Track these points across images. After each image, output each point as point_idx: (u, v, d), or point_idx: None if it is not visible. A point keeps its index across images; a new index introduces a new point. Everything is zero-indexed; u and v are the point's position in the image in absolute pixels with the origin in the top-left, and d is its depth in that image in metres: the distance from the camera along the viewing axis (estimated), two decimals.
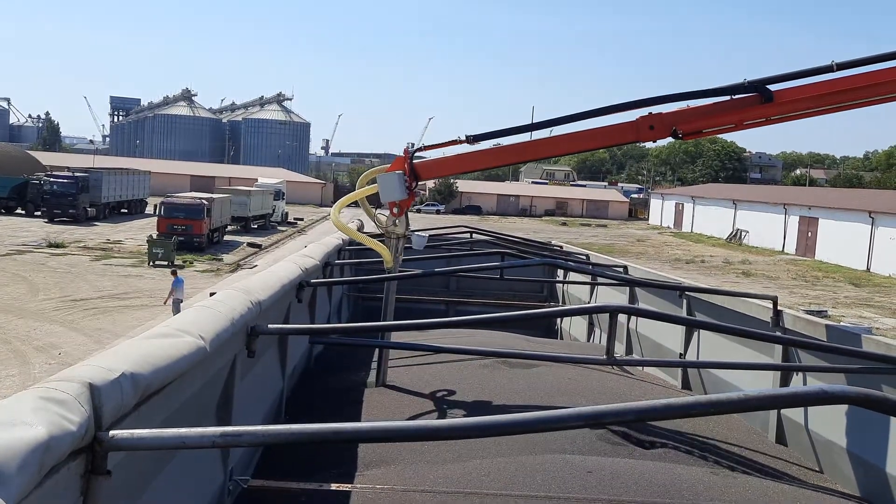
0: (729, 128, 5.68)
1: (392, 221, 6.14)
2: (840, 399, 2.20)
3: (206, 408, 3.53)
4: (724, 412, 2.20)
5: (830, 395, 2.20)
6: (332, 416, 5.36)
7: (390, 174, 5.95)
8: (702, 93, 5.47)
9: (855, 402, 2.16)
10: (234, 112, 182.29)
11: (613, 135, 5.74)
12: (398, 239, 6.23)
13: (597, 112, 5.58)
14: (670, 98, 5.53)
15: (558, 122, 5.74)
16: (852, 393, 2.18)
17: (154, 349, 2.59)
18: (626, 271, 9.94)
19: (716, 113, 5.50)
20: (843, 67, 5.18)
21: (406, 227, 6.23)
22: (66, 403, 1.96)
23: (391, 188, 5.92)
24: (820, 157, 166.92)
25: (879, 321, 31.70)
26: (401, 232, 6.19)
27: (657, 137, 5.57)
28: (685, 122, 5.54)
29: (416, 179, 6.02)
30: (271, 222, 58.07)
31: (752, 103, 5.37)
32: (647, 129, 5.52)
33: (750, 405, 2.14)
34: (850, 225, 53.35)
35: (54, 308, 24.48)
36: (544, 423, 2.01)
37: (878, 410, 2.15)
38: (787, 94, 5.36)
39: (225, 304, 3.59)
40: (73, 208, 49.72)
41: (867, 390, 2.15)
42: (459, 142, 5.88)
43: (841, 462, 5.00)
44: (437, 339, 7.19)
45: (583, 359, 5.57)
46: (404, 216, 6.15)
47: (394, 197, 5.95)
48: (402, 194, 5.94)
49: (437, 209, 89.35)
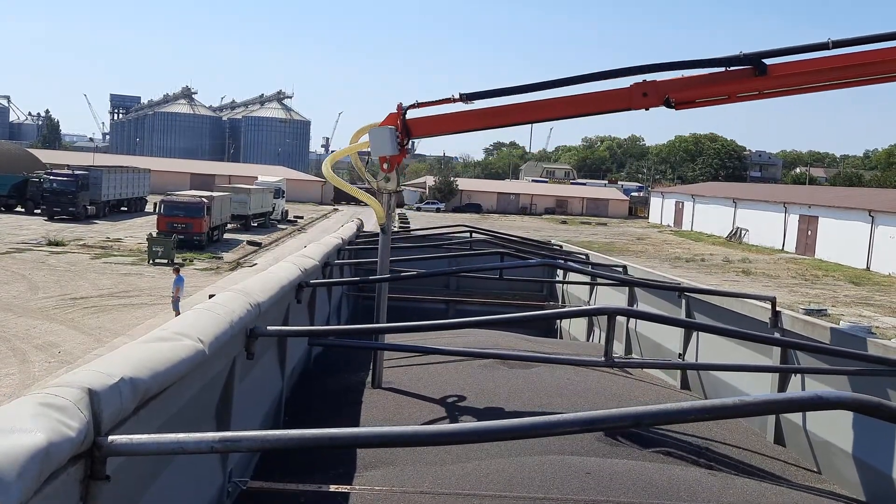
0: (722, 99, 5.69)
1: (383, 177, 6.11)
2: (835, 405, 2.21)
3: (205, 410, 3.54)
4: (720, 418, 2.22)
5: (826, 401, 2.21)
6: (331, 418, 5.37)
7: (382, 128, 5.93)
8: (697, 63, 5.49)
9: (850, 407, 2.17)
10: (235, 110, 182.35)
11: (608, 100, 5.75)
12: (390, 195, 6.20)
13: (593, 76, 5.58)
14: (665, 66, 5.54)
15: (555, 85, 5.72)
16: (847, 398, 2.19)
17: (153, 353, 2.60)
18: (626, 271, 9.94)
19: (710, 83, 5.53)
20: (839, 46, 5.20)
21: (397, 183, 6.20)
22: (66, 409, 1.97)
23: (382, 143, 5.90)
24: (820, 155, 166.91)
25: (879, 320, 31.71)
26: (392, 188, 6.16)
27: (650, 105, 5.57)
28: (678, 90, 5.56)
29: (408, 136, 6.01)
30: (271, 220, 58.07)
31: (746, 75, 5.40)
32: (640, 96, 5.54)
33: (746, 411, 2.15)
34: (849, 223, 53.35)
35: (54, 306, 24.49)
36: (541, 428, 2.01)
37: (873, 416, 2.16)
38: (782, 68, 5.40)
39: (224, 306, 3.60)
40: (72, 206, 49.71)
41: (862, 396, 2.16)
42: (454, 100, 5.84)
43: (839, 463, 5.01)
44: (436, 340, 7.20)
45: (581, 360, 5.58)
46: (395, 172, 6.12)
47: (384, 151, 5.93)
48: (392, 150, 5.92)
49: (438, 207, 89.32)
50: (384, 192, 6.14)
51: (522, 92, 5.91)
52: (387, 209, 6.20)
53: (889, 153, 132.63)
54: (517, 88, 5.87)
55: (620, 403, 5.69)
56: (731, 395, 6.60)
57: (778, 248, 62.66)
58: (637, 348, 9.01)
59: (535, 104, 6.02)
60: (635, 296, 9.35)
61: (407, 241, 12.43)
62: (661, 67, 5.53)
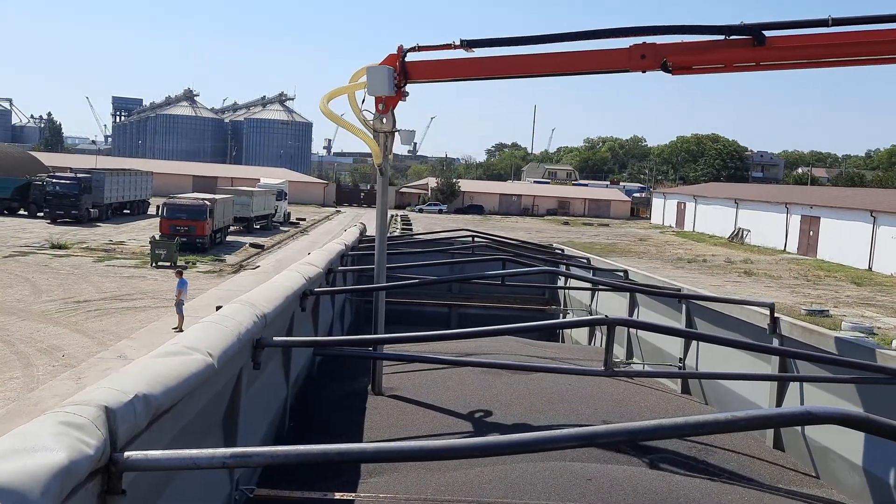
0: (719, 67, 5.73)
1: (379, 119, 6.15)
2: (824, 419, 2.28)
3: (213, 420, 3.61)
4: (713, 433, 2.28)
5: (815, 416, 2.29)
6: (335, 424, 5.44)
7: (380, 67, 5.94)
8: (697, 28, 5.54)
9: (838, 422, 2.25)
10: (237, 112, 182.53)
11: (607, 59, 5.80)
12: (386, 136, 6.23)
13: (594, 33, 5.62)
14: (666, 29, 5.58)
15: (556, 39, 5.76)
16: (836, 413, 2.26)
17: (164, 369, 2.68)
18: (627, 276, 10.00)
19: (708, 49, 5.57)
20: (840, 23, 5.25)
21: (393, 125, 6.21)
22: (84, 427, 2.05)
23: (379, 82, 5.92)
24: (822, 155, 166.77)
25: (881, 320, 31.72)
26: (388, 129, 6.19)
27: (647, 68, 5.61)
28: (677, 54, 5.59)
29: (406, 78, 6.02)
30: (274, 223, 58.16)
31: (745, 45, 5.44)
32: (638, 57, 5.58)
33: (738, 426, 2.22)
34: (851, 224, 53.34)
35: (57, 310, 24.59)
36: (537, 443, 2.09)
37: (861, 430, 2.22)
38: (780, 40, 5.44)
39: (231, 318, 3.67)
40: (75, 209, 49.82)
41: (850, 411, 2.23)
42: (454, 46, 5.86)
43: (837, 468, 5.07)
44: (437, 346, 7.26)
45: (580, 370, 5.65)
46: (391, 114, 6.14)
47: (380, 91, 5.95)
48: (389, 90, 5.94)
49: (440, 209, 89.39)
50: (380, 132, 6.17)
51: (523, 43, 5.95)
52: (383, 150, 6.21)
53: (891, 153, 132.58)
54: (518, 39, 5.92)
55: (621, 409, 5.76)
56: (731, 399, 6.66)
57: (780, 248, 62.66)
58: (638, 352, 9.07)
59: (535, 57, 6.06)
60: (636, 301, 9.42)
61: (410, 246, 12.50)
62: (662, 30, 5.57)
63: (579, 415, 5.47)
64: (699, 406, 6.76)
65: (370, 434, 5.19)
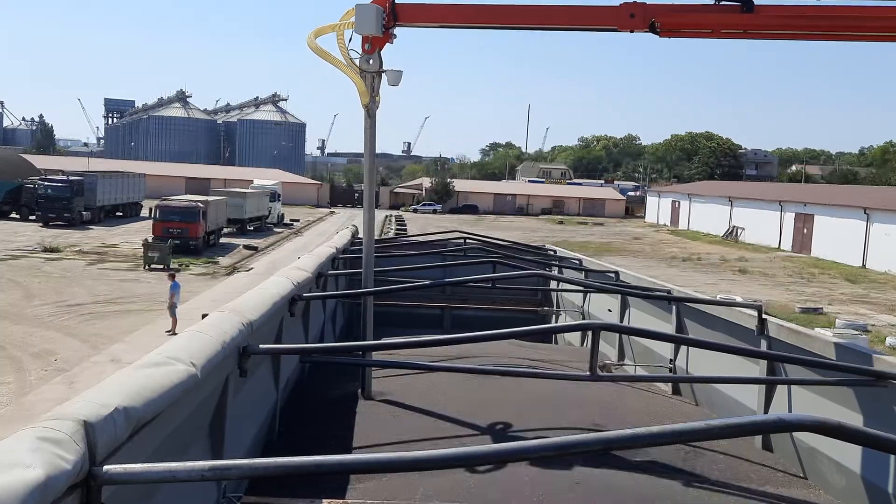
0: (706, 32, 5.77)
1: (365, 59, 6.14)
2: (796, 427, 2.30)
3: (199, 429, 3.60)
4: (690, 441, 2.30)
5: (788, 423, 2.31)
6: (325, 429, 5.44)
7: (369, 5, 5.96)
8: None
9: (811, 429, 2.26)
10: (230, 113, 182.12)
11: (595, 15, 5.85)
12: (373, 77, 6.22)
13: None
14: None
15: None
16: (808, 420, 2.27)
17: (146, 380, 2.67)
18: (618, 277, 10.02)
19: (698, 12, 5.60)
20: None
21: (380, 65, 6.20)
22: (62, 443, 2.04)
23: (367, 20, 5.93)
24: (815, 153, 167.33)
25: (875, 318, 31.85)
26: (375, 69, 6.18)
27: (635, 27, 5.62)
28: (666, 15, 5.62)
29: (395, 20, 6.03)
30: (267, 224, 58.07)
31: (733, 10, 5.47)
32: (627, 16, 5.60)
33: (713, 434, 2.23)
34: (845, 221, 53.53)
35: (50, 313, 24.51)
36: (515, 453, 2.10)
37: (834, 437, 2.24)
38: (770, 9, 5.47)
39: (216, 327, 3.66)
40: (67, 212, 49.66)
41: (823, 418, 2.24)
42: None
43: (825, 469, 5.09)
44: (427, 351, 7.26)
45: (566, 375, 5.66)
46: (377, 55, 6.14)
47: (367, 30, 5.95)
48: (376, 30, 5.94)
49: (434, 209, 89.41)
50: (367, 72, 6.16)
51: None
52: (370, 91, 6.21)
53: (884, 150, 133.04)
54: None
55: (610, 412, 5.77)
56: (720, 400, 6.68)
57: (774, 246, 62.85)
58: (629, 353, 9.09)
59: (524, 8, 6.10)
60: (627, 302, 9.44)
61: (402, 249, 12.51)
62: None
63: (568, 418, 5.48)
64: (689, 408, 6.78)
65: (359, 440, 5.19)
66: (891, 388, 4.58)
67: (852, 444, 2.23)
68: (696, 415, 6.45)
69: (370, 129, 6.41)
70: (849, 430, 2.15)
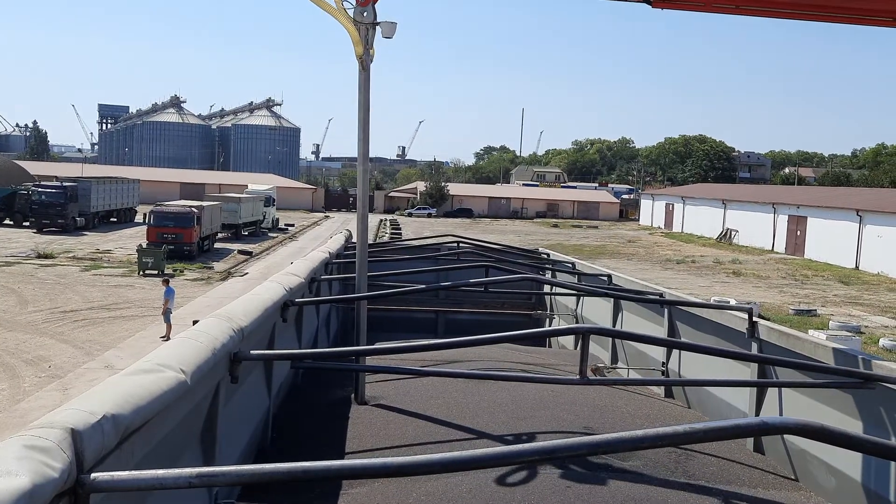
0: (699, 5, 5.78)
1: (360, 11, 6.24)
2: (781, 430, 2.33)
3: (190, 435, 3.61)
4: (673, 445, 2.33)
5: (772, 426, 2.34)
6: (318, 436, 5.44)
7: None
8: None
9: (794, 432, 2.29)
10: (224, 118, 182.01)
11: None
12: (367, 28, 6.30)
13: None
14: None
15: None
16: (791, 423, 2.30)
17: (135, 387, 2.68)
18: (611, 280, 10.05)
19: None
20: None
21: (374, 18, 6.30)
22: (49, 451, 2.05)
23: None
24: (808, 155, 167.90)
25: (868, 319, 31.94)
26: (369, 21, 6.28)
27: None
28: None
29: None
30: (262, 229, 58.02)
31: None
32: None
33: (695, 438, 2.26)
34: (838, 223, 53.73)
35: (44, 320, 24.43)
36: (501, 458, 2.12)
37: (817, 440, 2.27)
38: None
39: (206, 333, 3.67)
40: (61, 218, 49.55)
41: (805, 421, 2.27)
42: None
43: (816, 471, 5.12)
44: (420, 356, 7.27)
45: (555, 378, 5.68)
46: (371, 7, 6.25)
47: None
48: None
49: (429, 213, 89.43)
50: (361, 23, 6.24)
51: None
52: (364, 43, 6.28)
53: (876, 152, 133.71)
54: None
55: (603, 415, 5.79)
56: (712, 403, 6.71)
57: (768, 248, 63.03)
58: (623, 356, 9.12)
59: None
60: (620, 305, 9.47)
61: (396, 253, 12.53)
62: None
63: (560, 421, 5.50)
64: (680, 410, 6.81)
65: (352, 445, 5.20)
66: (878, 389, 4.62)
67: (835, 446, 2.25)
68: (688, 417, 6.48)
69: (364, 84, 6.45)
70: (831, 432, 2.17)
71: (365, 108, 6.51)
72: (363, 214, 6.62)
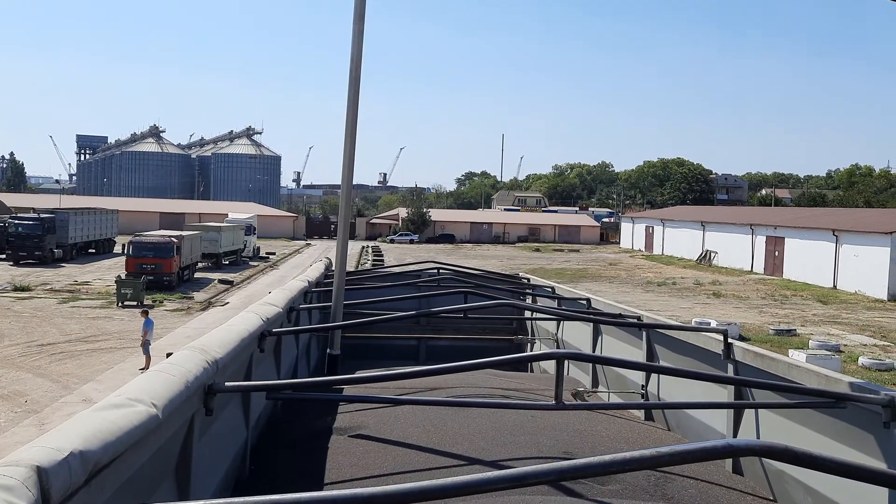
0: None
1: None
2: (745, 452, 2.36)
3: (163, 469, 3.56)
4: (642, 468, 2.35)
5: (738, 449, 2.37)
6: (297, 467, 5.40)
7: None
8: None
9: (759, 453, 2.32)
10: (204, 147, 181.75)
11: None
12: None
13: None
14: None
15: None
16: (756, 445, 2.34)
17: (104, 423, 2.65)
18: (590, 304, 10.10)
19: None
20: None
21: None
22: (13, 489, 2.02)
23: None
24: (784, 176, 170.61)
25: (847, 338, 32.26)
26: None
27: None
28: None
29: None
30: (243, 258, 57.71)
31: None
32: None
33: (663, 461, 2.28)
34: (815, 243, 54.46)
35: (20, 354, 24.05)
36: (469, 486, 2.13)
37: (781, 461, 2.30)
38: None
39: (179, 366, 3.64)
40: (39, 250, 49.05)
41: (769, 442, 2.30)
42: None
43: (792, 491, 5.15)
44: (403, 383, 7.26)
45: (530, 405, 5.70)
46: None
47: None
48: None
49: (411, 239, 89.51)
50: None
51: None
52: None
53: (850, 172, 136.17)
54: None
55: (583, 439, 5.79)
56: (691, 425, 6.75)
57: (747, 269, 63.66)
58: (603, 379, 9.14)
59: None
60: (599, 329, 9.51)
61: (376, 280, 12.52)
62: None
63: (540, 446, 5.49)
64: (660, 433, 6.83)
65: (331, 476, 5.15)
66: (850, 408, 4.67)
67: (801, 467, 2.29)
68: (667, 440, 6.50)
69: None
70: (794, 453, 2.20)
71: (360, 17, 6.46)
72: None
